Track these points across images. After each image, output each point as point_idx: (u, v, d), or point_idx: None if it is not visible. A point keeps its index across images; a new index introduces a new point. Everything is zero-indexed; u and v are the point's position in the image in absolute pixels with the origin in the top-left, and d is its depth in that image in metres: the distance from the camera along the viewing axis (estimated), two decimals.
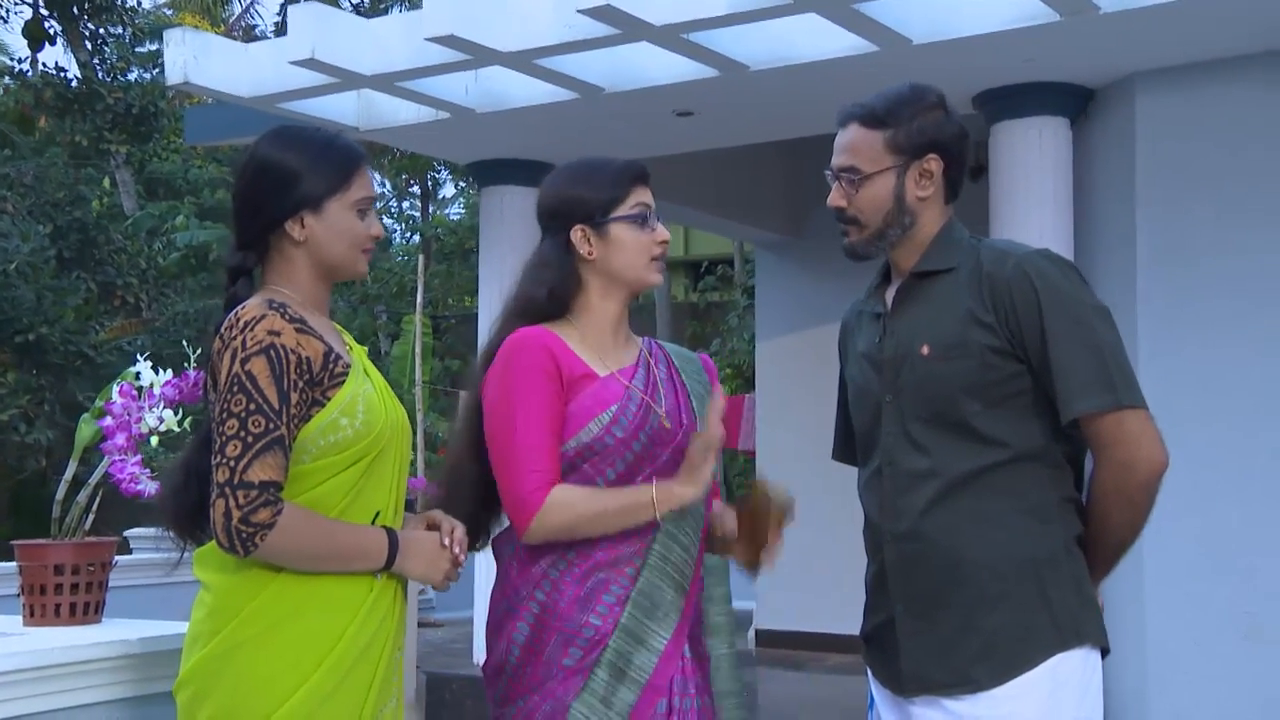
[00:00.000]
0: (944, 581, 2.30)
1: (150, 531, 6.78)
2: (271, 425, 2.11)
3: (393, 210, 17.44)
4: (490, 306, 6.66)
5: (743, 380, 13.00)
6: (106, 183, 15.12)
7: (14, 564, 3.05)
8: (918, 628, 2.33)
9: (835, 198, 2.41)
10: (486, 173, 6.75)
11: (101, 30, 12.32)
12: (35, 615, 2.94)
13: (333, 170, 2.28)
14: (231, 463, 2.09)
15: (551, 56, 5.24)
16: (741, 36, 5.17)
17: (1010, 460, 2.28)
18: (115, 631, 2.86)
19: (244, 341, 2.13)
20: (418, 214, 19.87)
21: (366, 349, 2.47)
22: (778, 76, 5.40)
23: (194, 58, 5.44)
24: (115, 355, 11.77)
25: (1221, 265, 5.24)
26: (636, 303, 2.58)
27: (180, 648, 2.64)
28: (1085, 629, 2.28)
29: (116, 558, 3.13)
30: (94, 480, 3.07)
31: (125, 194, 14.38)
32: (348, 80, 5.42)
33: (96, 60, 12.03)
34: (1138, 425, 2.22)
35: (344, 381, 2.21)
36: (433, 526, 2.36)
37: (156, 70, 17.58)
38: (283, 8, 19.26)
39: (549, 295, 2.47)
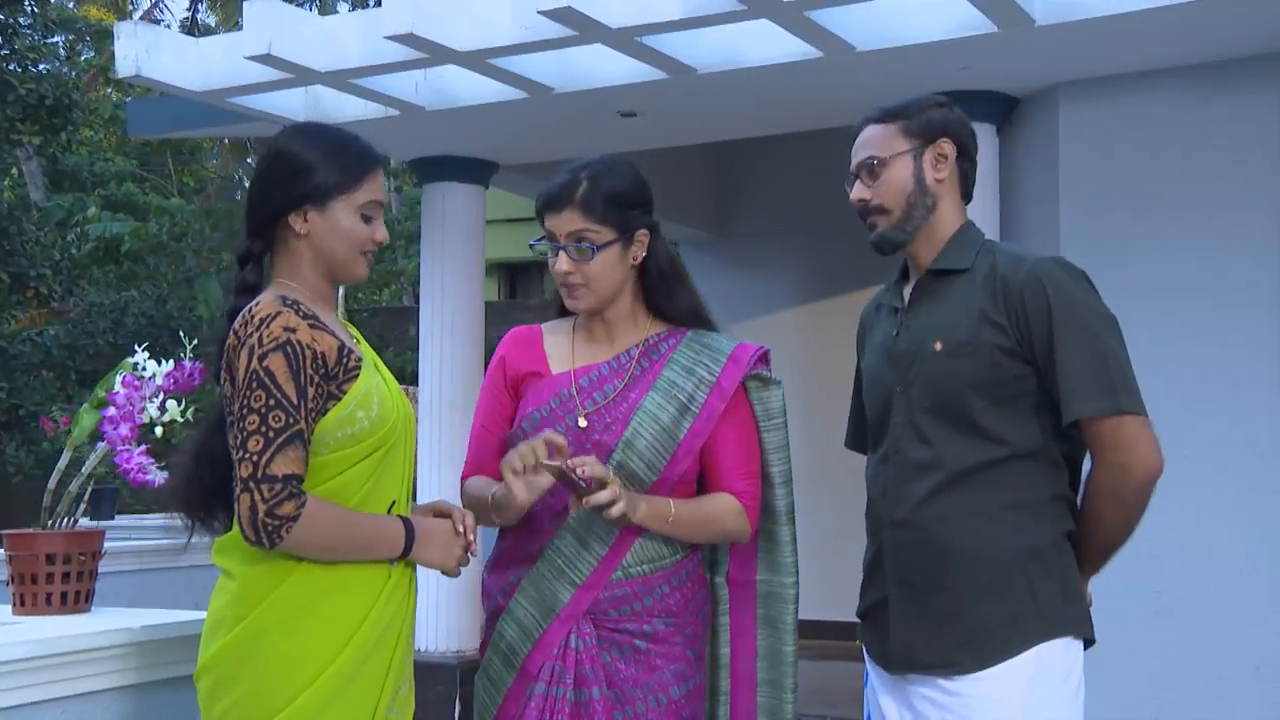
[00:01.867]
0: (936, 569, 2.40)
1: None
2: (291, 420, 2.14)
3: None
4: (432, 300, 6.73)
5: None
6: (15, 173, 14.76)
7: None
8: (909, 610, 2.43)
9: (858, 192, 2.52)
10: (429, 169, 6.81)
11: (11, 21, 12.02)
12: (25, 605, 2.89)
13: (343, 170, 2.30)
14: (255, 457, 2.12)
15: (506, 56, 5.34)
16: (691, 40, 5.32)
17: (1009, 457, 2.38)
18: (111, 620, 2.82)
19: (260, 338, 2.16)
20: None
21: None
22: (723, 80, 5.56)
23: (146, 51, 5.45)
24: (28, 345, 11.56)
25: (1138, 263, 5.53)
26: (543, 298, 2.70)
27: (179, 636, 2.75)
28: (1068, 620, 2.41)
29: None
30: (88, 470, 3.06)
31: (33, 185, 14.08)
32: (302, 76, 5.47)
33: (7, 51, 11.74)
34: (1135, 430, 2.34)
35: (358, 375, 2.25)
36: (441, 514, 2.41)
37: (60, 62, 17.22)
38: (193, 3, 18.97)
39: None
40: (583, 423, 2.48)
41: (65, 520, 2.97)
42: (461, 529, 2.36)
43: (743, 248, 8.50)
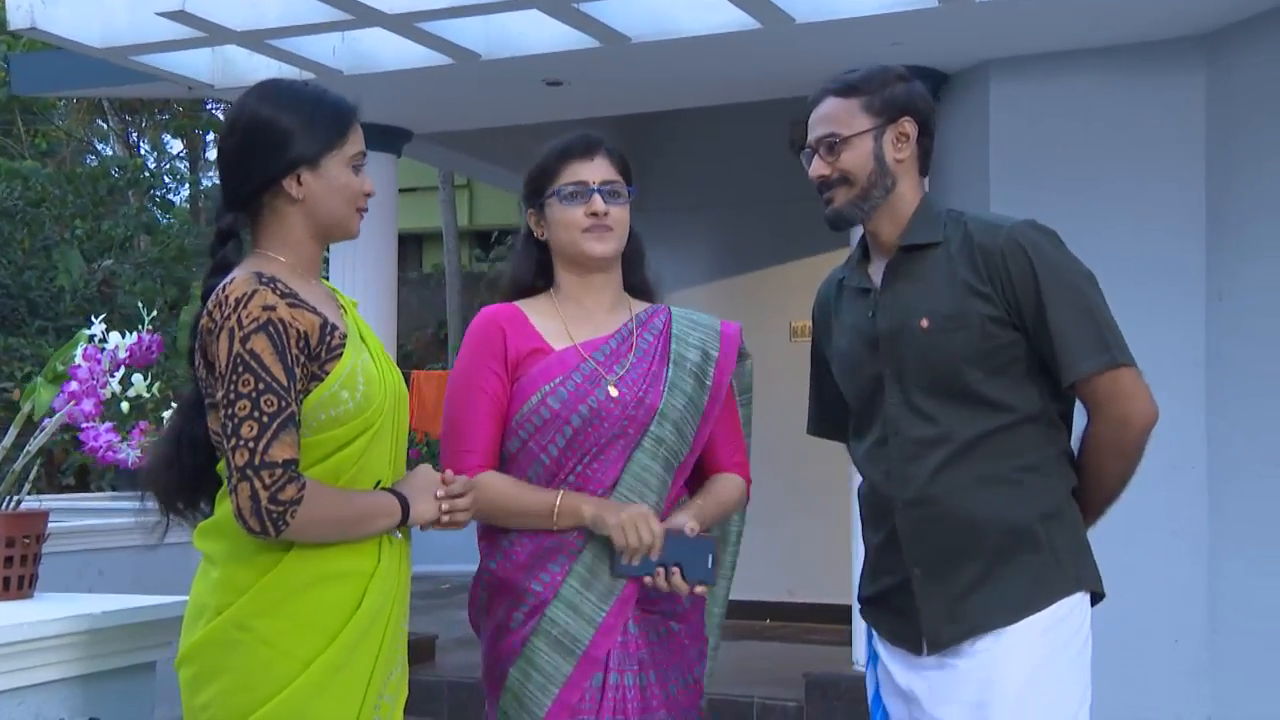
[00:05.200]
0: (959, 541, 2.41)
1: None
2: (283, 403, 2.09)
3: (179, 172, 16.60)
4: (343, 273, 6.49)
5: None
6: None
7: None
8: (935, 587, 2.43)
9: (817, 168, 2.49)
10: None
11: None
12: None
13: (329, 125, 2.24)
14: (250, 444, 2.05)
15: (434, 20, 5.14)
16: (626, 7, 5.20)
17: (1015, 423, 2.41)
18: (64, 606, 2.71)
19: (240, 320, 2.10)
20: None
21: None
22: (657, 49, 5.45)
23: (42, 2, 5.10)
24: None
25: (1066, 241, 5.57)
26: (421, 272, 2.62)
27: (140, 621, 2.68)
28: (1084, 574, 2.45)
29: None
30: (35, 446, 2.89)
31: None
32: (215, 35, 5.18)
33: None
34: (1130, 382, 2.38)
35: (341, 354, 2.19)
36: None
37: None
38: None
39: (522, 274, 2.65)
40: (614, 392, 2.49)
41: (8, 501, 2.81)
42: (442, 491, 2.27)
43: (653, 223, 8.39)
